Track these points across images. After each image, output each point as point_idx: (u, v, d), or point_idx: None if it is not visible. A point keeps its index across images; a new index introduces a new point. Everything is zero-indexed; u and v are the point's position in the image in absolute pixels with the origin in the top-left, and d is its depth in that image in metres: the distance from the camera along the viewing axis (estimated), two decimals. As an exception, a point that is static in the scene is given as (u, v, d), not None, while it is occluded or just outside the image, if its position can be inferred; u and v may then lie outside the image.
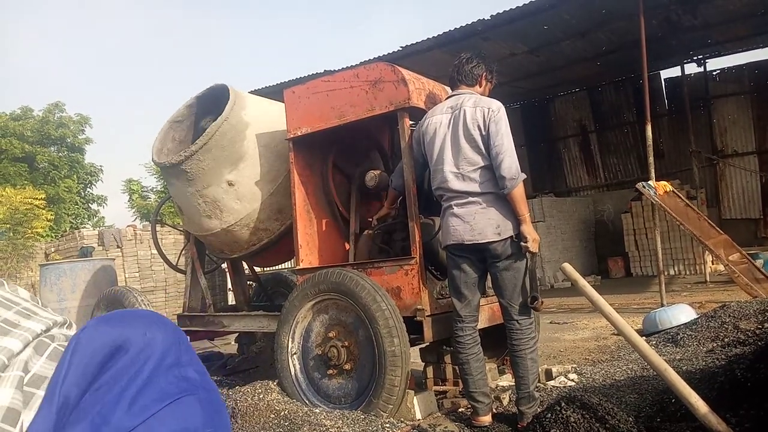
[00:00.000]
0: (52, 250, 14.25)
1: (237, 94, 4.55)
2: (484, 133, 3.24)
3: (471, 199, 3.24)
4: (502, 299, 3.30)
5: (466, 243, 3.24)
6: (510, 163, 3.20)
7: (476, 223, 3.22)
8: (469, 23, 9.52)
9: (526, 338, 3.26)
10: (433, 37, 9.94)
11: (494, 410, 3.60)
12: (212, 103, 4.72)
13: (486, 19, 9.38)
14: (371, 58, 10.12)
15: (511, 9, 9.13)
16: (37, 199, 16.24)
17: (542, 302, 3.28)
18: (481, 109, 3.27)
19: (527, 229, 3.19)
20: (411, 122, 3.83)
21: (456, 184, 3.27)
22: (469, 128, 3.26)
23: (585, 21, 9.83)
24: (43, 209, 16.53)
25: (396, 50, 10.33)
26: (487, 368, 4.14)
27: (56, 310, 5.67)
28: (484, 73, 3.53)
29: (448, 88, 4.20)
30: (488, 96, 3.53)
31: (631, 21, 9.09)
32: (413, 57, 10.07)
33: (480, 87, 3.53)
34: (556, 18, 9.54)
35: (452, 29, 9.71)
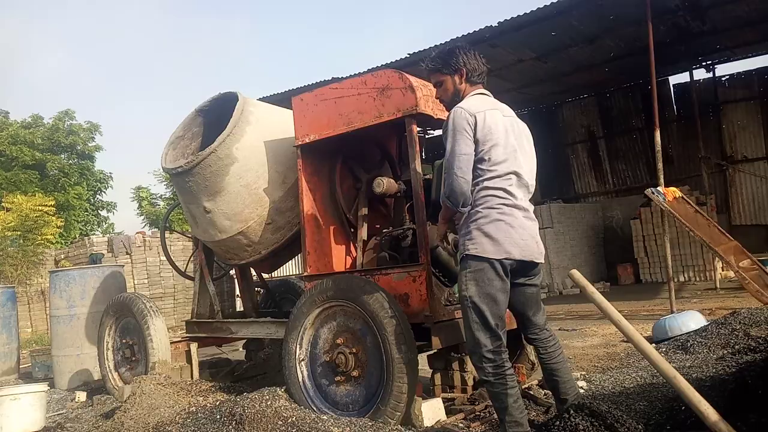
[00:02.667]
0: (62, 256, 14.36)
1: (245, 101, 4.58)
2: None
3: (532, 215, 2.99)
4: (537, 315, 3.07)
5: (535, 261, 2.95)
6: None
7: (539, 242, 2.98)
8: (477, 30, 9.53)
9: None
10: (441, 44, 9.95)
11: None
12: (224, 108, 4.75)
13: (493, 25, 9.39)
14: (379, 65, 10.16)
15: (518, 15, 9.15)
16: (47, 206, 16.37)
17: None
18: (524, 125, 3.13)
19: None
20: (419, 129, 3.83)
21: (522, 193, 2.94)
22: (530, 141, 3.12)
23: (593, 27, 9.82)
24: (53, 216, 16.66)
25: (403, 57, 10.36)
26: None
27: (66, 316, 5.71)
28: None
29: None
30: None
31: (639, 27, 9.08)
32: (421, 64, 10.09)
33: None
34: (564, 24, 9.54)
35: (460, 36, 9.74)
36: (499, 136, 2.88)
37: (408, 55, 10.31)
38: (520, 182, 2.91)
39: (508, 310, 2.97)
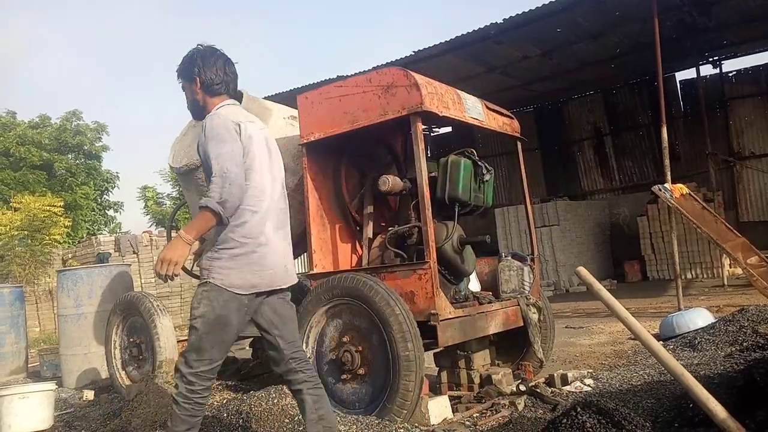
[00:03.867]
0: (70, 256, 14.45)
1: (250, 99, 4.59)
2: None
3: (287, 233, 2.78)
4: (285, 337, 2.73)
5: (283, 287, 2.72)
6: None
7: (290, 264, 2.76)
8: (482, 27, 9.52)
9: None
10: (446, 41, 9.95)
11: (510, 416, 3.58)
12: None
13: (499, 22, 9.37)
14: (384, 62, 10.16)
15: (523, 12, 9.12)
16: (54, 206, 16.46)
17: None
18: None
19: None
20: (424, 126, 3.83)
21: (277, 212, 2.70)
22: (280, 159, 2.83)
23: (598, 23, 9.78)
24: (61, 216, 16.76)
25: (408, 55, 10.36)
26: (502, 372, 4.13)
27: (73, 315, 5.71)
28: None
29: (461, 93, 4.21)
30: None
31: (644, 23, 9.04)
32: (426, 61, 10.09)
33: None
34: (569, 21, 9.51)
35: (465, 33, 9.72)
36: (257, 149, 2.62)
37: (413, 53, 10.30)
38: (275, 201, 2.70)
39: None
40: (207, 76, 2.70)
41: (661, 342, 5.15)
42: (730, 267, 10.66)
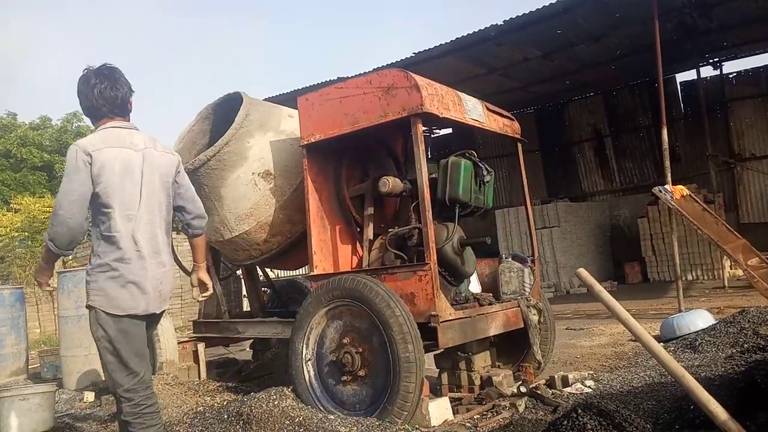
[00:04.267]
0: (70, 257, 14.43)
1: (250, 102, 4.59)
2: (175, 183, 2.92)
3: (164, 259, 2.82)
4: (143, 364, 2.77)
5: (156, 313, 2.84)
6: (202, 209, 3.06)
7: (164, 290, 2.83)
8: (482, 28, 9.53)
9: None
10: (446, 43, 9.95)
11: (510, 417, 3.58)
12: (232, 106, 4.76)
13: (499, 24, 9.38)
14: (384, 64, 10.17)
15: (524, 14, 9.13)
16: (55, 207, 16.44)
17: None
18: (171, 157, 2.91)
19: None
20: (424, 128, 3.83)
21: (148, 236, 2.74)
22: (163, 176, 2.83)
23: (599, 25, 9.79)
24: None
25: (409, 56, 10.36)
26: (502, 374, 4.13)
27: (74, 317, 5.71)
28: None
29: (461, 94, 4.21)
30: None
31: (645, 25, 9.04)
32: (426, 63, 10.09)
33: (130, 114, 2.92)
34: (570, 22, 9.51)
35: (465, 35, 9.72)
36: (111, 176, 2.61)
37: (413, 54, 10.31)
38: (146, 224, 2.72)
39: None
40: (85, 104, 2.78)
41: (662, 343, 5.14)
42: (731, 268, 10.66)
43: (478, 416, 3.72)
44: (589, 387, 4.14)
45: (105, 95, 2.73)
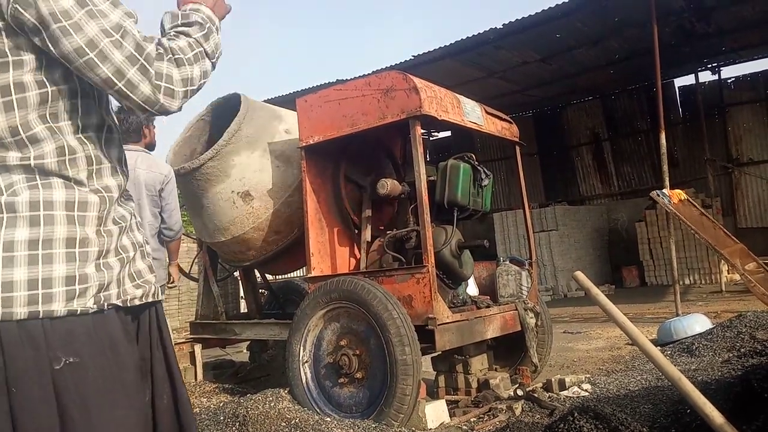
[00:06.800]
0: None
1: (248, 103, 4.59)
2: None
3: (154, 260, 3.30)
4: None
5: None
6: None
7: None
8: (481, 32, 9.54)
9: None
10: (445, 46, 9.97)
11: (507, 420, 3.58)
12: (231, 107, 4.75)
13: (498, 27, 9.40)
14: (383, 66, 10.18)
15: (523, 17, 9.15)
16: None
17: None
18: (156, 174, 3.68)
19: None
20: (423, 130, 3.83)
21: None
22: (149, 192, 3.66)
23: (597, 29, 9.81)
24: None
25: (408, 59, 10.38)
26: (499, 377, 4.13)
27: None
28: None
29: (460, 97, 4.22)
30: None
31: (643, 29, 9.07)
32: (425, 66, 10.11)
33: (146, 138, 3.86)
34: (569, 26, 9.53)
35: (464, 38, 9.74)
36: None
37: (413, 57, 10.32)
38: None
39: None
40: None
41: (659, 347, 5.14)
42: (728, 273, 10.68)
43: (475, 419, 3.72)
44: (586, 390, 4.13)
45: (125, 119, 3.55)
